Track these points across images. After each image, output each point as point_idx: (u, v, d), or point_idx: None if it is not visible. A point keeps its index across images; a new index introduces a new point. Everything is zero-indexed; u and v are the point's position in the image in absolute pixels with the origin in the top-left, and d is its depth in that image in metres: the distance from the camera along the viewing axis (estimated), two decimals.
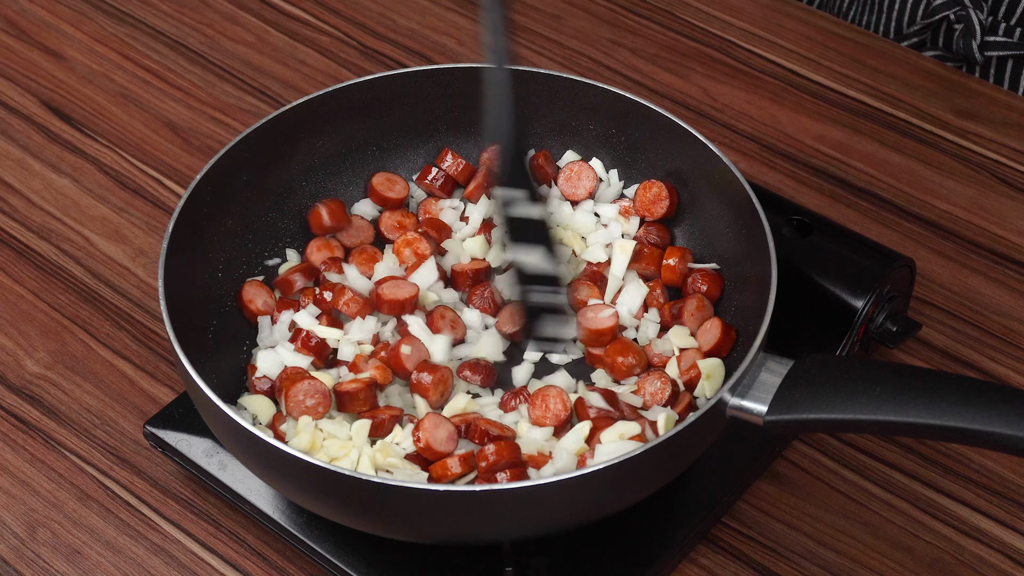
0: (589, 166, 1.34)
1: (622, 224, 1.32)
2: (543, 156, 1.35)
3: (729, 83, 1.60)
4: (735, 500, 1.24)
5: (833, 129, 1.55)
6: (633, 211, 1.33)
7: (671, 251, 1.30)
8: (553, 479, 1.05)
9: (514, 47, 1.12)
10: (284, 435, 1.18)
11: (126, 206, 1.48)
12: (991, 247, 1.44)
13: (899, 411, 1.05)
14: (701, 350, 1.24)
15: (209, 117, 1.56)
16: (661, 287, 1.29)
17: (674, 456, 1.11)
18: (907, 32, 1.66)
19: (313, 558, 1.19)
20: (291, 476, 1.10)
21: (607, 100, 1.32)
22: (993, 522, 1.24)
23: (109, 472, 1.27)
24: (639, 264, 1.30)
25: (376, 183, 1.34)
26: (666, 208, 1.32)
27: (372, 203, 1.35)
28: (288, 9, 1.68)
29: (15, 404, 1.32)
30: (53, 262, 1.43)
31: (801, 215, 1.31)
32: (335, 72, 1.61)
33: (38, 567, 1.22)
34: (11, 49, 1.64)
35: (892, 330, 1.29)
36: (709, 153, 1.26)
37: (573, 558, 1.18)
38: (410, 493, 1.05)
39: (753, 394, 1.11)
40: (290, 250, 1.33)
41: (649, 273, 1.30)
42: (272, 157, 1.31)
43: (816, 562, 1.21)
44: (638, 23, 1.67)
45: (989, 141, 1.53)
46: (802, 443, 1.29)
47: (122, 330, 1.37)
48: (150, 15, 1.68)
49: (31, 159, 1.52)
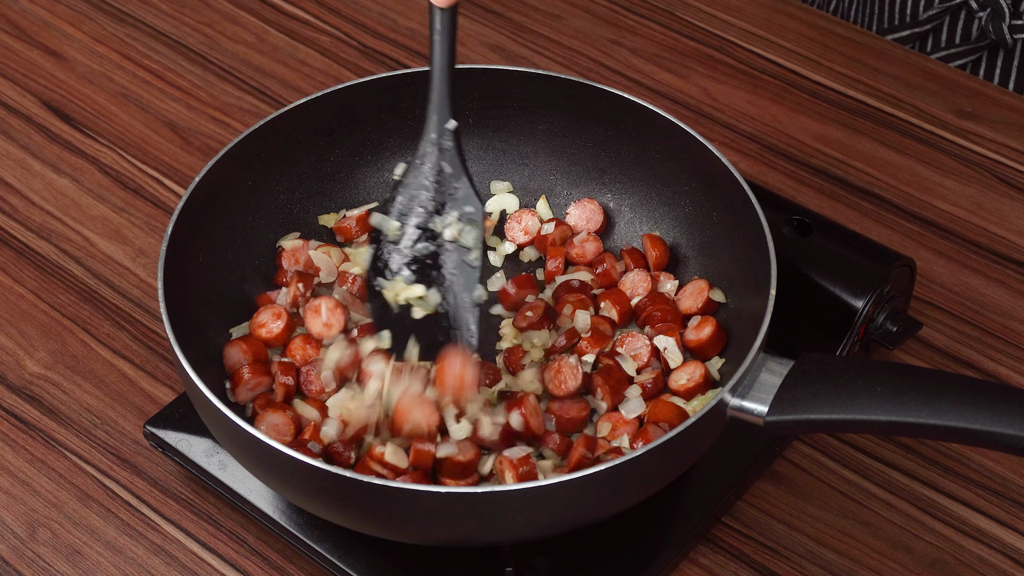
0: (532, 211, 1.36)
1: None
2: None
3: (729, 83, 1.60)
4: (735, 500, 1.24)
5: (833, 129, 1.55)
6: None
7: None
8: (553, 480, 1.05)
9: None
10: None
11: (126, 206, 1.48)
12: (991, 247, 1.44)
13: (899, 411, 1.05)
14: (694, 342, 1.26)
15: (209, 117, 1.57)
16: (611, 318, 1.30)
17: (674, 456, 1.11)
18: (922, 18, 1.66)
19: (313, 558, 1.19)
20: (291, 477, 1.10)
21: (606, 101, 1.32)
22: (993, 522, 1.24)
23: (109, 472, 1.27)
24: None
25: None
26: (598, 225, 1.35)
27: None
28: (288, 9, 1.68)
29: (15, 404, 1.32)
30: (53, 262, 1.43)
31: (801, 215, 1.31)
32: (335, 72, 1.61)
33: (38, 567, 1.22)
34: (11, 49, 1.64)
35: (892, 330, 1.29)
36: (709, 153, 1.26)
37: (573, 558, 1.18)
38: (410, 495, 1.05)
39: (753, 394, 1.11)
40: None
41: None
42: (272, 157, 1.31)
43: (816, 562, 1.21)
44: (638, 23, 1.67)
45: (989, 141, 1.53)
46: (802, 443, 1.29)
47: (122, 330, 1.37)
48: (150, 15, 1.68)
49: (31, 159, 1.52)
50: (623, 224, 1.37)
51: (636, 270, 1.32)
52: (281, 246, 1.32)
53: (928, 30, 1.67)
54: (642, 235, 1.35)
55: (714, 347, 1.25)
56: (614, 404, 1.23)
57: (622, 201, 1.37)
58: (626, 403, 1.23)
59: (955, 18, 1.65)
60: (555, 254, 1.33)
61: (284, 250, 1.32)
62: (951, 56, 1.65)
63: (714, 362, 1.25)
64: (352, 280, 1.29)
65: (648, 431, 1.19)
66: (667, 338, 1.25)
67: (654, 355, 1.26)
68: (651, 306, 1.28)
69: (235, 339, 1.25)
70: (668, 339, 1.25)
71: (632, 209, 1.36)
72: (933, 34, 1.68)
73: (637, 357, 1.25)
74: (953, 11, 1.65)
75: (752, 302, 1.20)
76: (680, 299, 1.29)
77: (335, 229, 1.35)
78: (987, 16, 1.61)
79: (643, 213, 1.36)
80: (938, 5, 1.65)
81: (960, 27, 1.65)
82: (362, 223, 1.35)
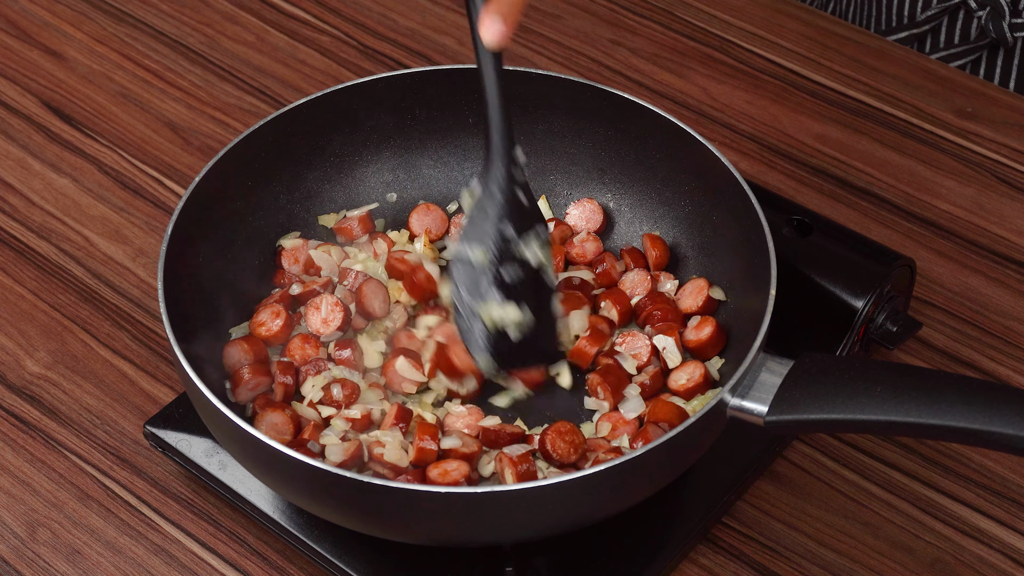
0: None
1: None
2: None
3: (729, 83, 1.60)
4: (735, 500, 1.24)
5: (833, 129, 1.55)
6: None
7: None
8: (553, 480, 1.05)
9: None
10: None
11: (126, 206, 1.48)
12: (991, 247, 1.44)
13: (899, 411, 1.05)
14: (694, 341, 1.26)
15: (209, 117, 1.56)
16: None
17: (674, 456, 1.11)
18: (920, 19, 1.66)
19: (313, 558, 1.19)
20: (291, 477, 1.10)
21: (606, 101, 1.32)
22: (993, 522, 1.24)
23: (109, 472, 1.27)
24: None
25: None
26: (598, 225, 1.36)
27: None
28: (288, 9, 1.68)
29: (15, 404, 1.32)
30: (53, 262, 1.43)
31: (801, 215, 1.31)
32: (335, 72, 1.61)
33: (38, 567, 1.22)
34: (11, 49, 1.64)
35: (892, 330, 1.29)
36: (709, 153, 1.26)
37: (573, 558, 1.18)
38: (410, 495, 1.05)
39: (753, 394, 1.11)
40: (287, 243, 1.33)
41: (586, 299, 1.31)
42: (272, 157, 1.31)
43: (816, 562, 1.21)
44: (638, 23, 1.67)
45: (989, 141, 1.53)
46: (802, 443, 1.29)
47: (122, 330, 1.37)
48: (150, 15, 1.68)
49: (31, 159, 1.52)
50: (623, 224, 1.37)
51: (636, 270, 1.32)
52: (281, 245, 1.32)
53: (927, 31, 1.67)
54: (642, 235, 1.35)
55: (714, 347, 1.25)
56: (615, 404, 1.23)
57: (622, 201, 1.37)
58: (625, 403, 1.23)
59: (953, 18, 1.65)
60: (555, 254, 1.33)
61: (284, 249, 1.32)
62: (951, 56, 1.65)
63: (714, 362, 1.25)
64: (355, 277, 1.30)
65: (648, 431, 1.19)
66: (666, 338, 1.25)
67: (654, 355, 1.26)
68: (651, 306, 1.28)
69: (235, 339, 1.25)
70: (667, 339, 1.25)
71: (632, 209, 1.36)
72: (932, 35, 1.68)
73: (637, 356, 1.25)
74: (951, 11, 1.65)
75: (752, 302, 1.20)
76: (680, 298, 1.29)
77: (335, 229, 1.35)
78: (987, 15, 1.61)
79: (643, 213, 1.36)
80: (936, 5, 1.65)
81: (959, 27, 1.65)
82: (363, 223, 1.35)
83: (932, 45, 1.68)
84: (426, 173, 1.39)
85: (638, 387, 1.23)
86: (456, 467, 1.15)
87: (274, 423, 1.19)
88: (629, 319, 1.30)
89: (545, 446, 1.17)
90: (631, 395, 1.23)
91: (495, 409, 1.25)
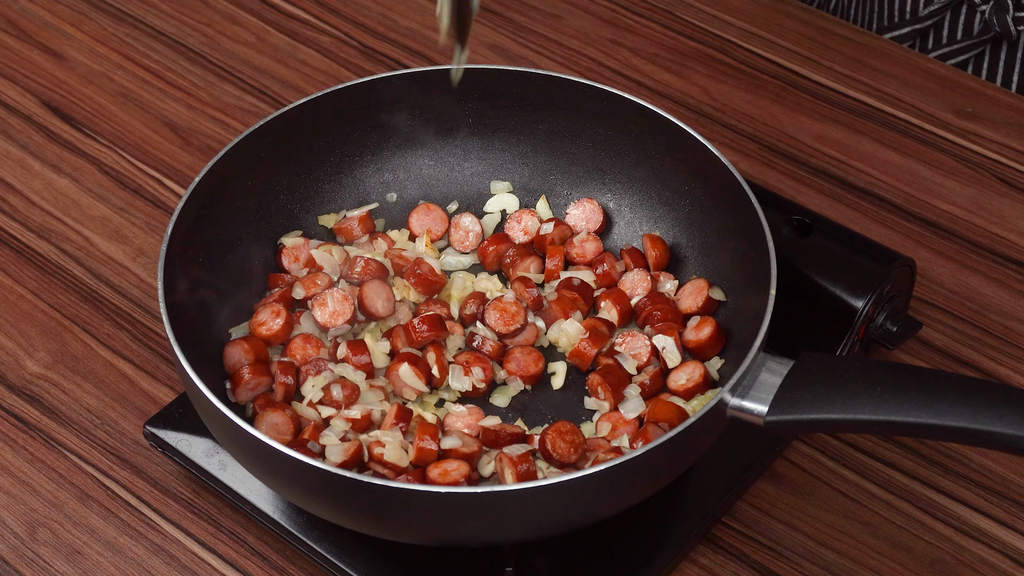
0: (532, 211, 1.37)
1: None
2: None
3: (729, 83, 1.60)
4: (735, 500, 1.24)
5: (833, 129, 1.55)
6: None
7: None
8: (553, 480, 1.05)
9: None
10: None
11: (126, 206, 1.48)
12: (991, 247, 1.44)
13: (899, 411, 1.05)
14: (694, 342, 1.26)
15: (209, 117, 1.57)
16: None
17: (674, 456, 1.11)
18: (922, 14, 1.66)
19: (313, 558, 1.19)
20: (291, 477, 1.10)
21: (606, 101, 1.32)
22: (993, 522, 1.24)
23: (109, 472, 1.27)
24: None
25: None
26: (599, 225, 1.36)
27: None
28: (288, 9, 1.68)
29: (15, 404, 1.32)
30: (53, 262, 1.43)
31: (801, 215, 1.31)
32: (335, 72, 1.61)
33: (38, 567, 1.22)
34: (11, 49, 1.64)
35: (892, 330, 1.29)
36: (709, 153, 1.26)
37: (573, 558, 1.18)
38: (410, 495, 1.05)
39: (753, 394, 1.11)
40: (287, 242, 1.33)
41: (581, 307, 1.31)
42: (272, 157, 1.31)
43: (816, 562, 1.21)
44: (638, 23, 1.67)
45: (989, 141, 1.53)
46: (802, 443, 1.29)
47: (122, 330, 1.37)
48: (150, 15, 1.68)
49: (31, 159, 1.52)
50: (623, 224, 1.37)
51: (636, 270, 1.32)
52: (283, 243, 1.32)
53: (929, 26, 1.67)
54: (642, 235, 1.35)
55: (713, 347, 1.25)
56: (615, 404, 1.23)
57: (622, 201, 1.37)
58: (626, 403, 1.23)
59: (956, 13, 1.65)
60: (555, 254, 1.33)
61: (285, 248, 1.32)
62: (953, 52, 1.65)
63: (714, 362, 1.25)
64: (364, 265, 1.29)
65: (648, 431, 1.19)
66: (666, 338, 1.25)
67: (654, 355, 1.26)
68: (651, 306, 1.28)
69: (235, 339, 1.25)
70: (667, 339, 1.25)
71: (632, 209, 1.36)
72: (935, 30, 1.68)
73: (637, 357, 1.25)
74: (955, 6, 1.65)
75: (752, 302, 1.20)
76: (680, 299, 1.29)
77: (336, 230, 1.35)
78: (990, 9, 1.61)
79: (643, 213, 1.36)
80: (938, 1, 1.65)
81: (962, 22, 1.65)
82: (363, 223, 1.35)
83: (935, 40, 1.68)
84: (426, 173, 1.39)
85: (638, 387, 1.23)
86: (456, 467, 1.15)
87: (274, 423, 1.19)
88: (629, 319, 1.30)
89: (545, 446, 1.17)
90: (631, 395, 1.23)
91: (495, 409, 1.25)
